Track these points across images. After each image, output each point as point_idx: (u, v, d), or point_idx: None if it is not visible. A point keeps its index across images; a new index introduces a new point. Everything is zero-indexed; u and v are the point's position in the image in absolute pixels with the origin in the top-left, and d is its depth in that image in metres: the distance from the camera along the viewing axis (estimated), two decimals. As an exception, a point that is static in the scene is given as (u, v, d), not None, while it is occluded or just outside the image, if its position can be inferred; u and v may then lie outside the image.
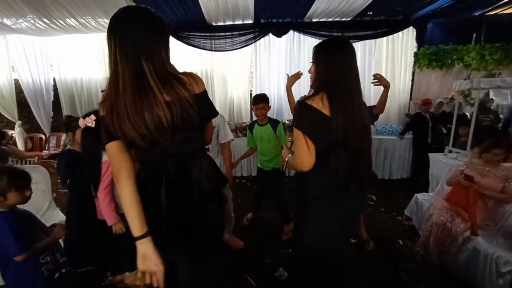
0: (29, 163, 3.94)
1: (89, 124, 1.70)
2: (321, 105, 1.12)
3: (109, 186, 1.68)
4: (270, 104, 2.59)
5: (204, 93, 1.02)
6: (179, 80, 0.94)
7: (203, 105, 1.00)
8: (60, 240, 1.65)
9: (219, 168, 1.16)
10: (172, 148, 0.98)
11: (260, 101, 2.52)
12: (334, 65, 1.16)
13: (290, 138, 1.27)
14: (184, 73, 0.99)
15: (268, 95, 2.67)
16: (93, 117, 1.70)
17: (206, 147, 2.19)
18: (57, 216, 2.38)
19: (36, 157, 4.20)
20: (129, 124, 0.89)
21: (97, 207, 1.78)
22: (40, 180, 2.37)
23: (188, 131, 0.98)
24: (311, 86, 1.23)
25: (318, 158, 1.16)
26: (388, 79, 2.11)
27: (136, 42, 0.88)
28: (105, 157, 1.67)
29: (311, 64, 1.25)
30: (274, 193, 2.70)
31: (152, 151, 0.98)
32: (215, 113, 1.10)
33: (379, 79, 2.12)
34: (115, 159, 0.96)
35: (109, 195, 1.68)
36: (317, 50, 1.23)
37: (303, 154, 1.15)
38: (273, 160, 2.58)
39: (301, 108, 1.15)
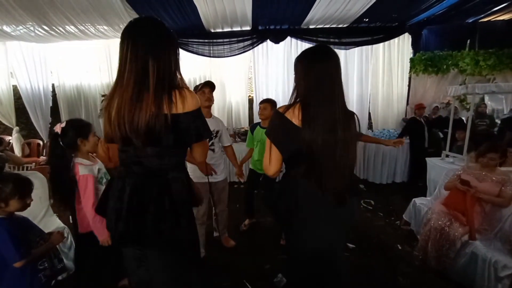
0: (26, 169, 3.92)
1: (57, 131, 1.60)
2: (293, 115, 1.11)
3: (96, 201, 1.53)
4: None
5: (194, 112, 0.99)
6: (169, 94, 0.95)
7: (185, 125, 0.98)
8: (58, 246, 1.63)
9: (191, 189, 1.13)
10: (142, 157, 1.01)
11: (264, 101, 2.67)
12: (308, 76, 1.13)
13: None
14: (177, 88, 0.98)
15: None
16: (63, 124, 1.61)
17: (212, 148, 2.24)
18: (54, 223, 2.35)
19: (33, 163, 4.17)
20: (116, 116, 0.96)
21: (79, 220, 1.68)
22: (37, 187, 2.29)
23: (158, 147, 0.99)
24: (292, 94, 1.21)
25: (289, 167, 1.18)
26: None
27: (147, 44, 0.94)
28: (82, 171, 1.57)
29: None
30: (265, 196, 2.73)
31: (125, 153, 1.04)
32: (205, 134, 1.06)
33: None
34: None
35: None
36: (295, 60, 1.22)
37: (267, 162, 1.19)
38: None
39: (274, 117, 1.17)
